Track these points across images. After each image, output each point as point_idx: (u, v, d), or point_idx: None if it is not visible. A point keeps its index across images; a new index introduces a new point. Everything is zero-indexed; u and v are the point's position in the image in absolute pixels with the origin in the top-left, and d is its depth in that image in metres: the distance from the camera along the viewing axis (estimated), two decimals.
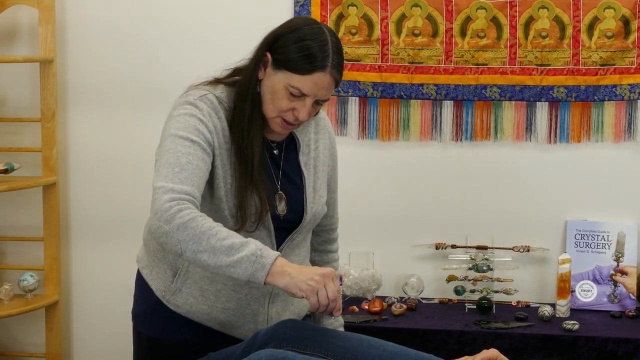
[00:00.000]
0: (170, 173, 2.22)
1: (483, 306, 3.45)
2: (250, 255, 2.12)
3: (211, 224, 2.16)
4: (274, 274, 2.12)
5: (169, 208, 2.16)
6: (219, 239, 2.13)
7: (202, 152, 2.28)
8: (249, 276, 2.13)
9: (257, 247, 2.14)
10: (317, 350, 2.30)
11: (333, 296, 2.12)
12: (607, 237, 3.55)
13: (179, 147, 2.26)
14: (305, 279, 2.11)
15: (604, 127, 3.55)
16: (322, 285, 2.11)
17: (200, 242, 2.14)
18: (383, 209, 3.69)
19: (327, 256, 2.71)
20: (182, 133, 2.28)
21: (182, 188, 2.20)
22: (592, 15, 3.49)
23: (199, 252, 2.14)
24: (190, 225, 2.14)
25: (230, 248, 2.13)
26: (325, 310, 2.14)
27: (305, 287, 2.11)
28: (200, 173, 2.26)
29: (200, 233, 2.14)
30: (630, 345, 3.17)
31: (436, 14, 3.55)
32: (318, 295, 2.11)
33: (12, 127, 3.81)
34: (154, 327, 2.51)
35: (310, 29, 2.32)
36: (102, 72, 3.75)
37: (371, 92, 3.61)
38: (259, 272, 2.12)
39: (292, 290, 2.13)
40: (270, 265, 2.12)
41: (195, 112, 2.32)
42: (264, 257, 2.13)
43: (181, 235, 2.14)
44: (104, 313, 3.85)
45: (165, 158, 2.25)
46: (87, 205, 3.82)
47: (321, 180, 2.53)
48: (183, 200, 2.18)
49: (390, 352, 2.31)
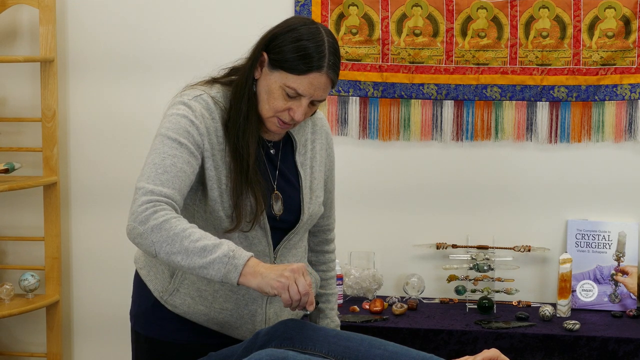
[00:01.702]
0: (153, 174, 2.24)
1: (484, 306, 3.45)
2: (222, 256, 2.14)
3: (185, 226, 2.17)
4: (246, 275, 2.14)
5: (144, 210, 2.18)
6: (192, 241, 2.15)
7: (188, 155, 2.29)
8: (221, 277, 2.15)
9: (229, 248, 2.16)
10: (318, 350, 2.30)
11: (304, 290, 2.13)
12: (608, 237, 3.55)
13: (166, 148, 2.28)
14: (275, 277, 2.13)
15: (604, 127, 3.55)
16: (293, 280, 2.13)
17: (173, 244, 2.16)
18: (383, 208, 3.69)
19: (323, 257, 2.71)
20: (171, 134, 2.30)
21: (162, 190, 2.22)
22: (592, 15, 3.49)
23: (172, 253, 2.16)
24: (164, 227, 2.16)
25: (202, 250, 2.15)
26: (299, 306, 2.15)
27: (276, 284, 2.13)
28: (183, 176, 2.27)
29: (173, 235, 2.16)
30: (631, 345, 3.17)
31: (437, 13, 3.55)
32: (289, 291, 2.13)
33: (12, 126, 3.81)
34: (152, 327, 2.51)
35: (307, 29, 2.32)
36: (103, 72, 3.75)
37: (372, 91, 3.61)
38: (231, 273, 2.14)
39: (264, 290, 2.14)
40: (243, 266, 2.14)
41: (187, 113, 2.33)
42: (236, 258, 2.15)
43: (155, 237, 2.17)
44: (105, 313, 3.85)
45: (151, 158, 2.28)
46: (88, 205, 3.82)
47: (318, 181, 2.53)
48: (160, 202, 2.20)
49: (391, 352, 2.31)
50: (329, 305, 2.70)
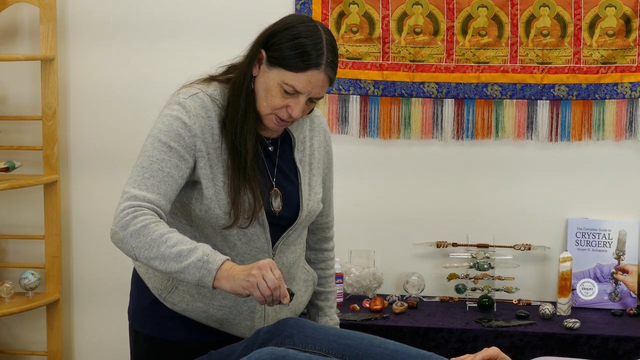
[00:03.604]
0: (140, 178, 2.28)
1: (484, 304, 3.45)
2: (197, 261, 2.17)
3: (162, 231, 2.20)
4: (220, 279, 2.17)
5: (125, 215, 2.23)
6: (168, 246, 2.19)
7: (177, 160, 2.31)
8: (197, 281, 2.18)
9: (204, 253, 2.19)
10: (318, 348, 2.30)
11: (273, 285, 2.14)
12: (608, 235, 3.55)
13: (155, 151, 2.31)
14: (244, 277, 2.15)
15: (605, 125, 3.55)
16: (260, 277, 2.14)
17: (151, 249, 2.20)
18: (384, 207, 3.69)
19: (322, 254, 2.71)
20: (163, 137, 2.32)
21: (145, 195, 2.26)
22: (593, 13, 3.49)
23: (150, 258, 2.21)
24: (142, 233, 2.20)
25: (178, 255, 2.18)
26: (272, 301, 2.16)
27: (246, 284, 2.15)
28: (170, 180, 2.30)
29: (151, 240, 2.19)
30: (632, 343, 3.17)
31: (437, 12, 3.55)
32: (259, 288, 2.14)
33: (13, 125, 3.81)
34: (151, 325, 2.51)
35: (305, 26, 2.32)
36: (103, 70, 3.75)
37: (372, 90, 3.61)
38: (205, 278, 2.17)
39: (237, 291, 2.17)
40: (216, 270, 2.17)
41: (181, 114, 2.33)
42: (211, 262, 2.17)
43: (134, 242, 2.21)
44: (105, 311, 3.85)
45: (140, 160, 2.32)
46: (88, 204, 3.83)
47: (316, 177, 2.53)
48: (142, 207, 2.24)
49: (391, 350, 2.31)
50: (328, 303, 2.70)
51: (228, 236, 2.40)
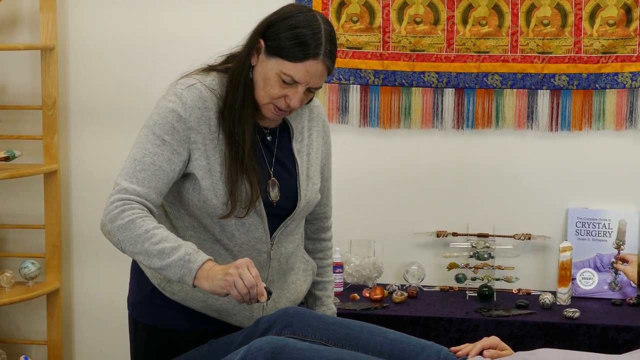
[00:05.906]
0: (131, 171, 2.30)
1: (484, 294, 3.46)
2: (178, 260, 2.18)
3: (148, 227, 2.21)
4: (200, 278, 2.18)
5: (114, 208, 2.25)
6: (152, 243, 2.20)
7: (170, 153, 2.32)
8: (178, 279, 2.20)
9: (186, 252, 2.19)
10: (318, 337, 2.30)
11: (250, 283, 2.13)
12: (608, 225, 3.55)
13: (149, 144, 2.32)
14: (221, 276, 2.15)
15: (605, 115, 3.55)
16: (237, 276, 2.13)
17: (136, 245, 2.22)
18: (384, 196, 3.69)
19: (320, 244, 2.71)
20: (157, 130, 2.33)
21: (135, 189, 2.27)
22: (593, 3, 3.48)
23: (135, 253, 2.23)
24: (129, 227, 2.22)
25: (161, 252, 2.19)
26: (250, 299, 2.16)
27: (223, 283, 2.15)
28: (161, 174, 2.31)
29: (136, 236, 2.21)
30: (631, 333, 3.18)
31: (437, 1, 3.54)
32: (236, 286, 2.13)
33: (13, 114, 3.81)
34: (150, 315, 2.52)
35: (303, 16, 2.32)
36: (104, 59, 3.74)
37: (372, 79, 3.61)
38: (186, 277, 2.18)
39: (216, 292, 2.17)
40: (196, 270, 2.18)
41: (177, 106, 2.34)
42: (192, 262, 2.18)
43: (121, 236, 2.23)
44: (106, 300, 3.85)
45: (134, 152, 2.33)
46: (88, 193, 3.82)
47: (314, 168, 2.53)
48: (130, 201, 2.26)
49: (391, 340, 2.31)
50: (326, 293, 2.71)
51: (226, 226, 2.40)
